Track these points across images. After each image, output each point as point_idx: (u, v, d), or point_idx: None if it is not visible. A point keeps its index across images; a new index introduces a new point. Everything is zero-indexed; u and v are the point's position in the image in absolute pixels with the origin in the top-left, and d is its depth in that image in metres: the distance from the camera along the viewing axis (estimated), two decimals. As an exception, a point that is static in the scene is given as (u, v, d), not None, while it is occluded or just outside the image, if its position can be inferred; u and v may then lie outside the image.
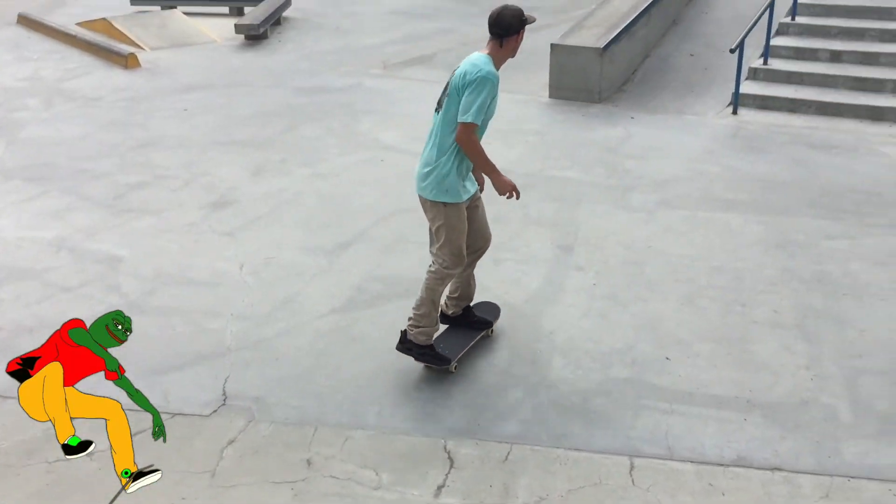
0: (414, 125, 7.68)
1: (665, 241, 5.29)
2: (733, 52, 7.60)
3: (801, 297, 4.54)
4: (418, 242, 5.30)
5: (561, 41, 8.46)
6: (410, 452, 3.45)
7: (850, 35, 8.78)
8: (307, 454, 3.44)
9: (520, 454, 3.41)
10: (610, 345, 4.16)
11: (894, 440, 3.43)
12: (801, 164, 6.52)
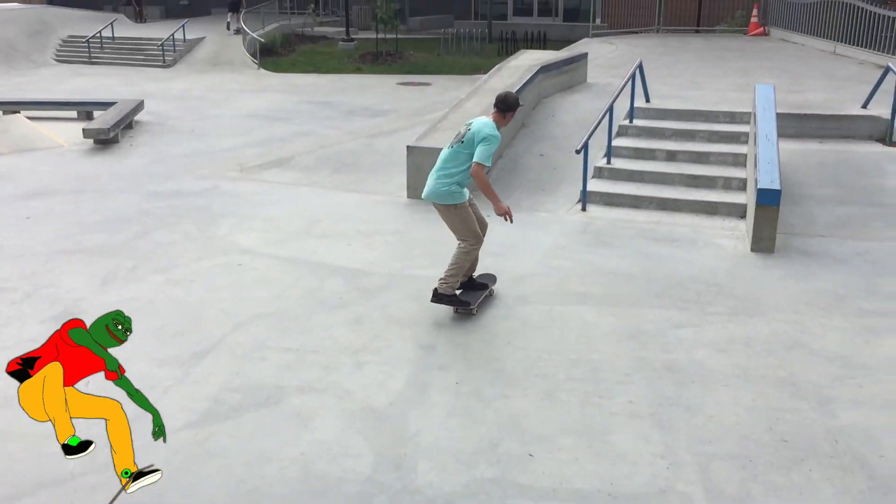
0: (273, 228, 7.63)
1: (524, 336, 5.40)
2: (579, 153, 8.03)
3: (653, 386, 4.71)
4: (278, 348, 5.19)
5: (417, 143, 8.70)
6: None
7: (682, 136, 9.49)
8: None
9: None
10: (475, 444, 4.15)
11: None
12: (646, 256, 6.88)
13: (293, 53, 22.99)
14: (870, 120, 9.60)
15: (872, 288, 6.14)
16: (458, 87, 14.96)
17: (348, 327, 5.53)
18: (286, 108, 14.15)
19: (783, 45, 18.79)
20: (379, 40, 21.96)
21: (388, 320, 5.64)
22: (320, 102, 14.76)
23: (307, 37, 26.42)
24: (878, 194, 8.07)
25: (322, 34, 26.90)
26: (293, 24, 27.33)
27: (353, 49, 23.17)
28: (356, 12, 29.08)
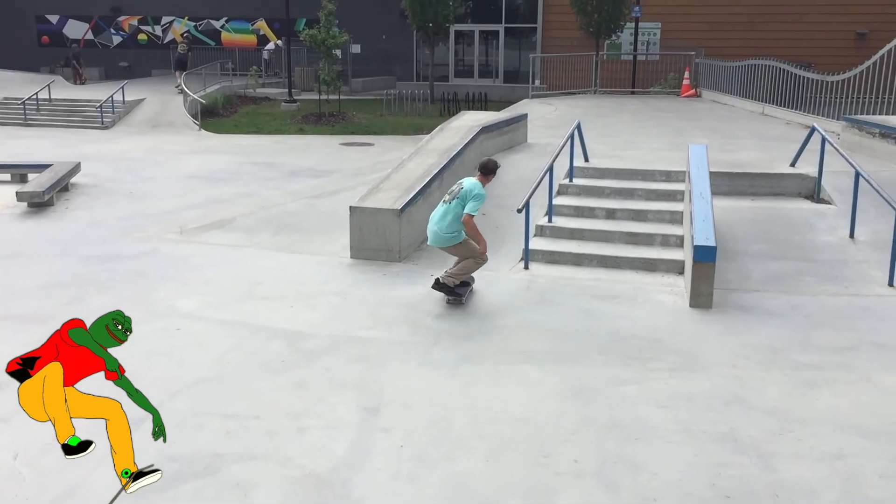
0: (213, 291, 7.51)
1: (469, 396, 5.37)
2: (520, 212, 8.13)
3: (598, 444, 4.71)
4: (217, 415, 5.06)
5: (360, 203, 8.71)
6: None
7: (621, 194, 9.70)
8: None
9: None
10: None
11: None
12: (589, 314, 6.94)
13: (235, 114, 22.97)
14: (798, 178, 9.96)
15: (807, 341, 6.29)
16: (401, 147, 15.09)
17: (290, 391, 5.43)
18: (228, 169, 14.06)
19: (714, 106, 19.48)
20: (322, 101, 22.10)
21: (331, 383, 5.57)
22: (262, 163, 14.72)
23: (250, 98, 26.45)
24: (809, 249, 8.32)
25: (265, 95, 26.97)
26: (235, 85, 27.36)
27: (295, 110, 23.26)
28: (299, 73, 29.28)
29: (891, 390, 5.42)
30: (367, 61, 30.72)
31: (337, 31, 21.70)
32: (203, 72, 24.90)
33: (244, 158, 15.28)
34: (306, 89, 28.23)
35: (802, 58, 22.47)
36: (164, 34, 32.74)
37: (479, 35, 31.53)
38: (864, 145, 11.25)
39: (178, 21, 33.03)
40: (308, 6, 26.38)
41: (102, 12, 33.25)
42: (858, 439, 4.77)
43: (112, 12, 33.22)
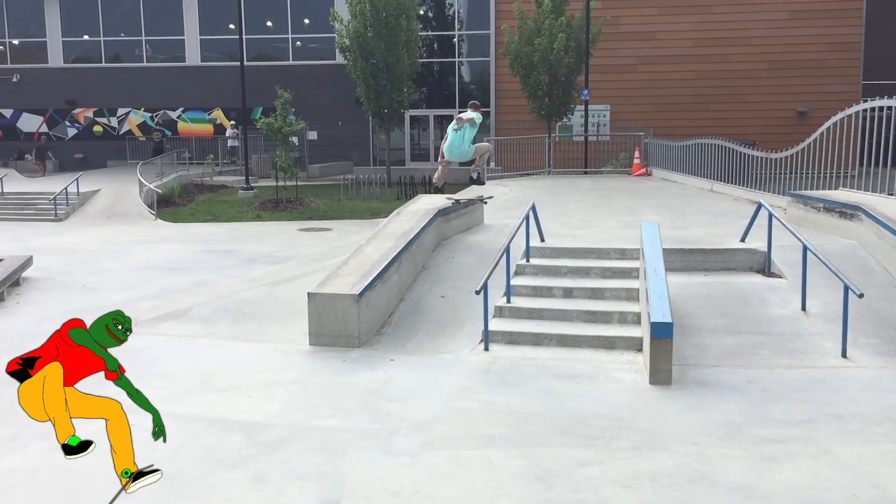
0: (168, 384, 7.34)
1: (431, 484, 5.27)
2: (479, 294, 8.16)
3: (563, 529, 4.63)
4: None
5: (318, 290, 8.67)
6: None
7: (577, 273, 9.81)
8: None
9: None
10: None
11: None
12: (550, 394, 6.92)
13: (192, 203, 22.96)
14: (749, 252, 10.18)
15: (766, 415, 6.33)
16: (359, 232, 15.17)
17: (248, 486, 5.28)
18: (184, 258, 13.97)
19: (665, 184, 19.99)
20: (279, 187, 22.23)
21: (290, 475, 5.42)
22: (219, 251, 14.65)
23: (206, 186, 26.51)
24: (763, 323, 8.45)
25: (222, 183, 27.06)
26: (192, 174, 27.44)
27: (253, 197, 23.33)
28: (256, 161, 29.49)
29: (850, 463, 5.44)
30: (323, 147, 31.12)
31: (293, 119, 22.02)
32: (159, 161, 24.98)
33: (201, 247, 15.21)
34: (263, 176, 28.43)
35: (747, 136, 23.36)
36: (120, 125, 32.90)
37: (433, 119, 32.20)
38: (810, 219, 11.59)
39: (135, 112, 33.25)
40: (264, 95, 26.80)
41: (58, 105, 33.38)
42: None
43: (67, 105, 33.36)
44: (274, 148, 23.63)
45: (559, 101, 25.64)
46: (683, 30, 29.42)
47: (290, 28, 32.23)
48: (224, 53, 32.54)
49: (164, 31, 32.85)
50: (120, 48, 33.46)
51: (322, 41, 31.63)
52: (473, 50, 31.94)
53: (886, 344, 7.87)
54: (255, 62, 30.70)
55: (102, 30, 33.04)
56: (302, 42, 32.64)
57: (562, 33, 24.25)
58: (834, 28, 28.74)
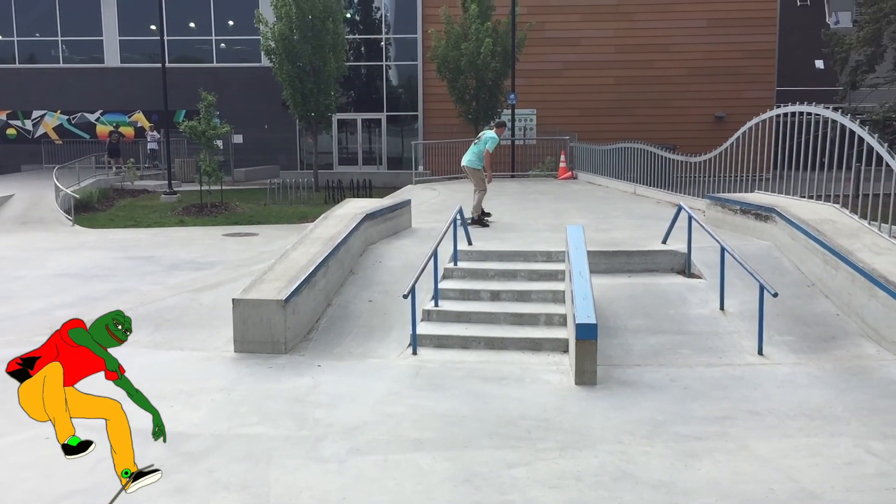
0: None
1: (359, 490, 5.23)
2: (406, 298, 8.14)
3: (491, 531, 4.65)
4: (89, 530, 4.73)
5: (242, 296, 8.53)
6: None
7: (504, 276, 9.89)
8: None
9: None
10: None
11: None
12: (477, 397, 6.95)
13: (112, 208, 22.33)
14: (670, 254, 10.44)
15: (686, 413, 6.49)
16: (286, 237, 14.98)
17: (170, 498, 5.14)
18: (103, 264, 13.57)
19: (590, 187, 20.35)
20: (203, 192, 21.80)
21: (214, 486, 5.31)
22: (141, 257, 14.29)
23: (127, 191, 25.84)
24: (683, 322, 8.67)
25: (143, 188, 26.41)
26: (111, 178, 26.70)
27: (176, 202, 22.83)
28: (179, 165, 28.87)
29: (767, 457, 5.62)
30: (249, 151, 30.69)
31: (217, 122, 21.64)
32: (77, 166, 24.22)
33: (121, 253, 14.80)
34: (187, 180, 27.87)
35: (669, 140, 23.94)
36: (35, 128, 31.79)
37: (361, 123, 32.11)
38: (728, 221, 11.95)
39: (51, 115, 32.20)
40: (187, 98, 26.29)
41: (-33, 107, 32.09)
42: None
43: (-22, 107, 32.10)
44: (198, 151, 23.19)
45: (486, 105, 25.86)
46: (607, 36, 30.03)
47: (214, 29, 31.69)
48: (145, 55, 31.78)
49: (81, 31, 31.91)
50: (35, 48, 32.37)
51: (247, 43, 31.19)
52: (401, 54, 31.96)
53: (800, 341, 8.16)
54: (178, 64, 30.07)
55: (16, 30, 31.91)
56: (226, 44, 32.13)
57: (488, 38, 24.47)
58: (750, 36, 29.74)
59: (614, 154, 19.84)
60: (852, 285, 8.46)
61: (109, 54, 31.84)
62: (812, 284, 9.36)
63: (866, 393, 6.88)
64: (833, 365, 7.61)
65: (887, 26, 21.18)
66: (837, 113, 10.62)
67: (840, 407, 6.56)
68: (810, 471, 5.40)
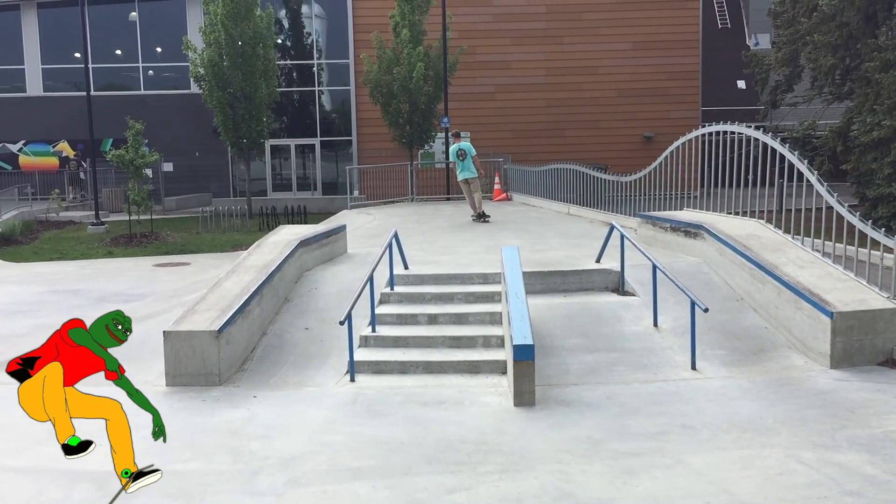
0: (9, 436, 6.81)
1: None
2: (343, 324, 8.06)
3: (432, 559, 4.60)
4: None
5: (174, 327, 8.33)
6: None
7: (441, 299, 9.89)
8: None
9: None
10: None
11: None
12: (416, 422, 6.90)
13: (36, 241, 21.63)
14: (604, 273, 10.58)
15: (623, 430, 6.55)
16: (219, 265, 14.71)
17: (98, 541, 4.96)
18: (26, 300, 13.11)
19: (525, 208, 20.54)
20: (132, 222, 21.32)
21: (145, 526, 5.13)
22: (67, 291, 13.85)
23: (52, 223, 25.08)
24: (618, 340, 8.78)
25: (69, 219, 25.67)
26: (36, 210, 25.91)
27: (104, 232, 22.25)
28: (107, 195, 28.20)
29: (701, 471, 5.70)
30: (180, 179, 30.18)
31: (146, 150, 21.23)
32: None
33: (46, 287, 14.33)
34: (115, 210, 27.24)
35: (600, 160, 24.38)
36: (-46, 159, 30.68)
37: (295, 149, 31.90)
38: (659, 238, 12.18)
39: (-30, 145, 31.12)
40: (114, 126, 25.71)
41: None
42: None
43: None
44: (126, 181, 22.67)
45: (420, 129, 25.96)
46: (536, 59, 30.51)
47: (141, 56, 31.16)
48: (69, 83, 31.03)
49: (1, 59, 31.00)
50: (-48, 77, 31.33)
51: (175, 70, 30.73)
52: (333, 79, 31.91)
53: (731, 354, 8.34)
54: (104, 91, 29.49)
55: (-68, 58, 30.85)
56: (154, 71, 31.61)
57: (420, 62, 24.61)
58: (674, 58, 30.57)
59: (548, 175, 20.08)
60: (779, 298, 8.69)
61: (32, 83, 30.99)
62: (741, 299, 9.58)
63: (795, 403, 7.05)
64: (763, 377, 7.79)
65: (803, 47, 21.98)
66: (759, 132, 10.96)
67: (771, 418, 6.71)
68: (744, 483, 5.50)
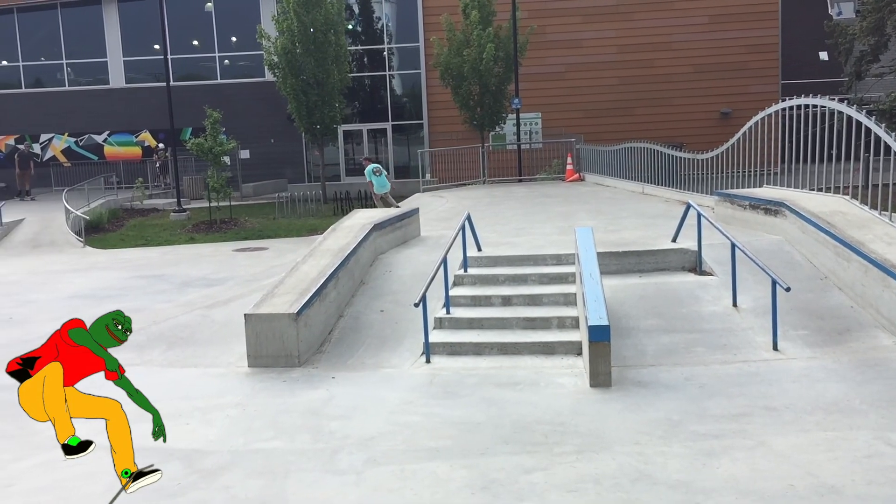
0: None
1: (376, 501, 5.22)
2: (417, 306, 8.14)
3: (510, 538, 4.63)
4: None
5: (254, 310, 8.55)
6: None
7: (515, 281, 9.88)
8: None
9: None
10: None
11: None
12: (492, 403, 6.94)
13: (122, 228, 22.42)
14: (680, 252, 10.39)
15: (703, 411, 6.45)
16: (295, 250, 15.00)
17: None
18: (115, 285, 13.62)
19: (598, 188, 20.30)
20: (212, 208, 21.88)
21: (232, 502, 5.31)
22: (152, 276, 14.34)
23: (137, 210, 25.95)
24: (696, 320, 8.63)
25: (152, 206, 26.52)
26: (121, 198, 26.83)
27: (185, 219, 22.91)
28: (188, 182, 28.99)
29: (784, 453, 5.58)
30: (256, 166, 30.79)
31: (224, 139, 21.72)
32: (86, 187, 24.36)
33: (132, 273, 14.86)
34: (196, 198, 27.99)
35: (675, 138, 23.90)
36: (44, 152, 31.97)
37: (367, 134, 32.17)
38: (737, 217, 11.90)
39: (58, 138, 32.40)
40: (193, 115, 26.39)
41: (-24, 133, 32.35)
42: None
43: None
44: (206, 168, 23.28)
45: (491, 111, 25.87)
46: (608, 37, 30.01)
47: (217, 47, 31.84)
48: (150, 74, 31.96)
49: (86, 53, 32.13)
50: (40, 73, 32.59)
51: (250, 59, 31.31)
52: (404, 63, 32.02)
53: (814, 335, 8.11)
54: (183, 82, 30.26)
55: (21, 55, 32.14)
56: (230, 60, 32.27)
57: (490, 43, 24.48)
58: (752, 31, 29.67)
59: (621, 154, 19.79)
60: (865, 276, 8.40)
61: (114, 75, 32.03)
62: (825, 277, 9.30)
63: (883, 384, 6.82)
64: (849, 357, 7.56)
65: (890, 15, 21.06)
66: (843, 104, 10.56)
67: (857, 400, 6.51)
68: (830, 465, 5.36)
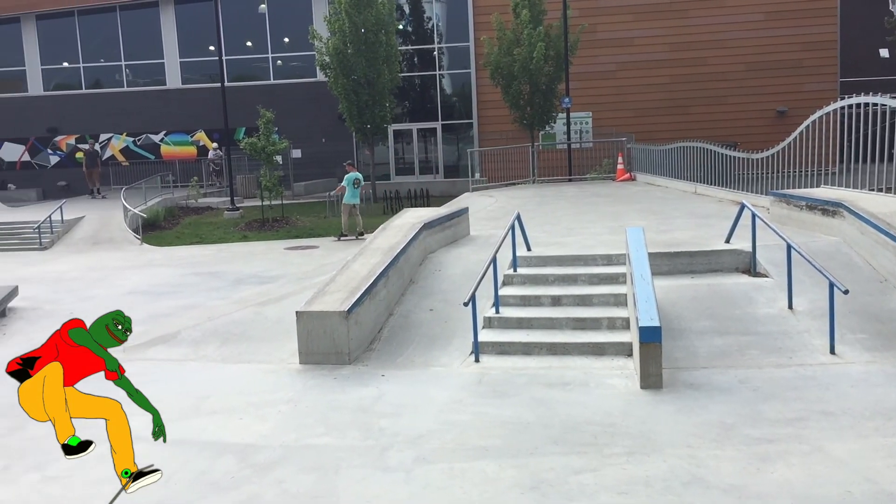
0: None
1: (426, 499, 5.26)
2: (467, 305, 8.15)
3: (560, 538, 4.62)
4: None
5: (306, 308, 8.65)
6: None
7: (565, 281, 9.83)
8: None
9: None
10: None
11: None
12: (541, 403, 6.92)
13: (177, 226, 22.88)
14: (734, 253, 10.23)
15: (757, 415, 6.35)
16: (346, 248, 15.16)
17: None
18: (171, 281, 13.92)
19: (649, 188, 20.08)
20: (265, 207, 22.19)
21: (284, 496, 5.40)
22: (206, 273, 14.61)
23: (192, 209, 26.44)
24: (750, 323, 8.49)
25: (207, 205, 26.99)
26: (176, 196, 27.36)
27: (238, 217, 23.28)
28: (241, 181, 29.45)
29: (842, 459, 5.47)
30: (308, 165, 31.12)
31: (276, 138, 22.01)
32: (143, 186, 24.91)
33: (188, 269, 15.16)
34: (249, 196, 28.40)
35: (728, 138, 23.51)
36: (103, 151, 32.76)
37: (417, 133, 32.27)
38: (793, 218, 11.67)
39: (117, 137, 33.17)
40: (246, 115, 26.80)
41: (39, 133, 33.27)
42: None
43: (49, 132, 33.25)
44: (258, 167, 23.62)
45: (541, 110, 25.75)
46: (659, 35, 29.63)
47: (270, 48, 32.26)
48: (205, 75, 32.53)
49: (143, 55, 32.83)
50: (100, 74, 33.40)
51: (302, 59, 31.65)
52: (454, 62, 32.05)
53: (874, 339, 7.92)
54: (237, 82, 30.72)
55: (81, 56, 32.98)
56: (283, 61, 32.67)
57: (541, 42, 24.38)
58: (809, 27, 29.03)
59: (673, 154, 19.55)
60: (927, 279, 8.17)
61: (171, 76, 32.67)
62: (885, 280, 9.07)
63: (946, 391, 6.63)
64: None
65: (954, 10, 20.43)
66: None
67: (919, 406, 6.35)
68: (889, 472, 5.24)
